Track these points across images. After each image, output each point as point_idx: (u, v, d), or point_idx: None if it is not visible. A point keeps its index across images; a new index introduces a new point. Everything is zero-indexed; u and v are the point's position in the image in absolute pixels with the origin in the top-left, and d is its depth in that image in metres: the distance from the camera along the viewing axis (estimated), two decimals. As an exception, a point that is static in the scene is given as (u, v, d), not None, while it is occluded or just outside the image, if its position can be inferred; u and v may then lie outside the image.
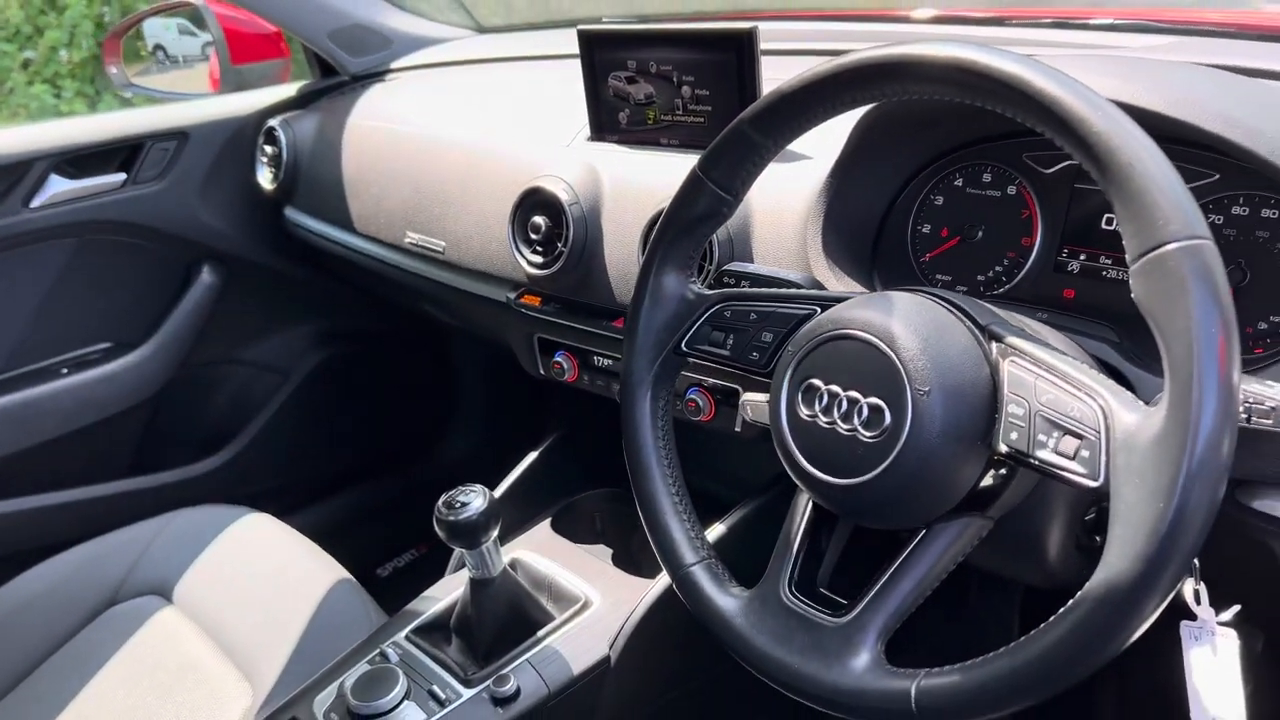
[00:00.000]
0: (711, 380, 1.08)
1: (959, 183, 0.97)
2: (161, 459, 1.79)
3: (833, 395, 0.70)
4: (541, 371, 1.29)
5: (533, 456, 1.36)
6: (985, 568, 0.76)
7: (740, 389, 1.06)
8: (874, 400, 0.68)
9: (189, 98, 1.79)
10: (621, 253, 1.12)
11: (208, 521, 1.34)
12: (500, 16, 1.96)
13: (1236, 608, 0.70)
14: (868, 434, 0.67)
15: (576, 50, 1.56)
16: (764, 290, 0.81)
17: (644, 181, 1.12)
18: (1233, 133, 0.70)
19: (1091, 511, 0.78)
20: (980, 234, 0.95)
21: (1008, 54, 0.61)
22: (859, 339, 0.69)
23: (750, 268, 0.90)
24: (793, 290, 0.81)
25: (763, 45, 1.04)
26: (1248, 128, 0.70)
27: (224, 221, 1.75)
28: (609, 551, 1.25)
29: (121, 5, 5.00)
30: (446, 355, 2.15)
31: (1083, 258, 0.89)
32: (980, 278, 0.96)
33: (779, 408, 0.74)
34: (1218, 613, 0.70)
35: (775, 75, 1.05)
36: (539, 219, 1.15)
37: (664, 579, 1.08)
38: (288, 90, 1.78)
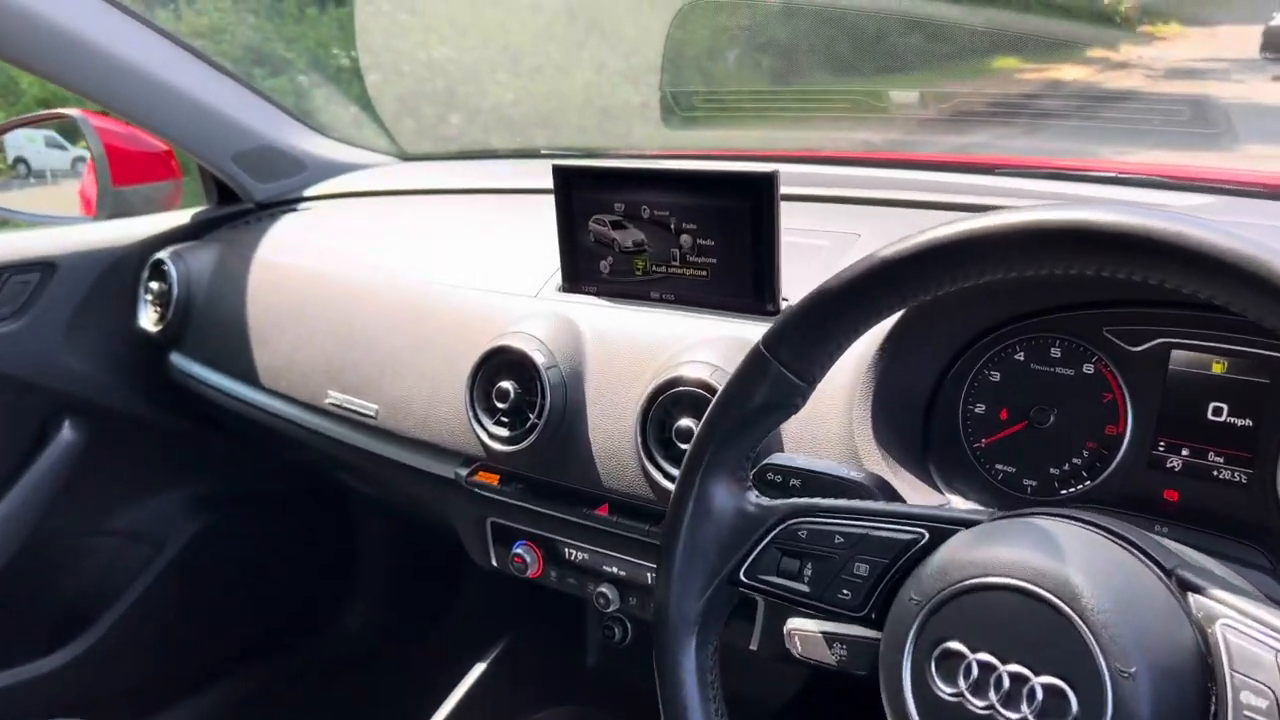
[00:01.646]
0: None
1: (1020, 356, 0.83)
2: (1, 655, 1.45)
3: (985, 667, 0.52)
4: (494, 564, 1.06)
5: (480, 669, 1.12)
6: None
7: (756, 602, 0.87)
8: (1051, 680, 0.50)
9: (58, 221, 1.54)
10: (609, 427, 0.93)
11: None
12: (383, 143, 1.78)
13: None
14: None
15: (518, 185, 1.42)
16: (850, 504, 0.63)
17: (636, 343, 0.94)
18: None
19: None
20: (1052, 419, 0.81)
21: (1203, 221, 0.46)
22: (1022, 591, 0.51)
23: (801, 462, 0.71)
24: (889, 506, 0.62)
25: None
26: None
27: (93, 367, 1.47)
28: None
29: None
30: (344, 520, 1.87)
31: (1185, 453, 0.75)
32: (1054, 471, 0.81)
33: (900, 679, 0.55)
34: None
35: (794, 225, 0.92)
36: (506, 384, 0.96)
37: None
38: (179, 218, 1.55)
